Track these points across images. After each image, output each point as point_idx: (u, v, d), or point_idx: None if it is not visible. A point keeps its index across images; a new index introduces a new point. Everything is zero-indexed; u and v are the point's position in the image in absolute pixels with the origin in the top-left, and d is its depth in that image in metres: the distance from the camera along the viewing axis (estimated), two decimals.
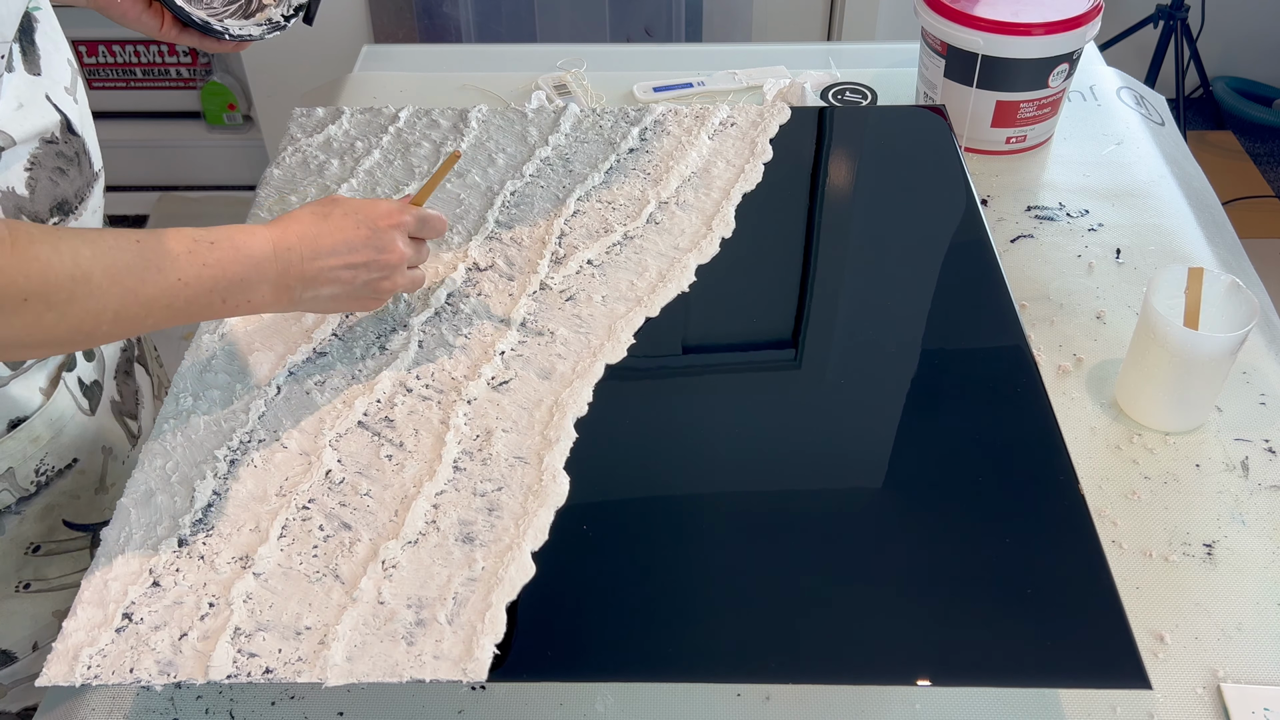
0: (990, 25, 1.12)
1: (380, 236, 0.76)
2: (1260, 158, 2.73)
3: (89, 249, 0.62)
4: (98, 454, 0.86)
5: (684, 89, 1.33)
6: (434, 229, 0.81)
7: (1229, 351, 0.83)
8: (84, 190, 0.78)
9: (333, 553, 0.69)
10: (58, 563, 0.85)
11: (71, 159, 0.76)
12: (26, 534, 0.82)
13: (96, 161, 0.81)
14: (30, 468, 0.79)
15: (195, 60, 2.45)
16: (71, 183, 0.77)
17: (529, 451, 0.75)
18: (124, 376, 0.91)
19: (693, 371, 0.84)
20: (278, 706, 0.70)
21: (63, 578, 0.85)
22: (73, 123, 0.76)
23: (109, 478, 0.87)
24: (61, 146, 0.75)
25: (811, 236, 0.96)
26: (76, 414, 0.83)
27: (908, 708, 0.71)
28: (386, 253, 0.76)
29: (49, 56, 0.75)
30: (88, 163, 0.79)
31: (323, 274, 0.73)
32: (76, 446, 0.83)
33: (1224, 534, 0.80)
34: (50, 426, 0.80)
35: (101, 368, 0.87)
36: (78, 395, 0.83)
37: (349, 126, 1.09)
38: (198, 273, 0.67)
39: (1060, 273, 1.04)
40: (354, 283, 0.75)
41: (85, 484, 0.85)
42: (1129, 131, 1.25)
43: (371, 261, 0.76)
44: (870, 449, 0.77)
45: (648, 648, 0.64)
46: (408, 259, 0.78)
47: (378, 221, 0.76)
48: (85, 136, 0.78)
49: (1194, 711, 0.70)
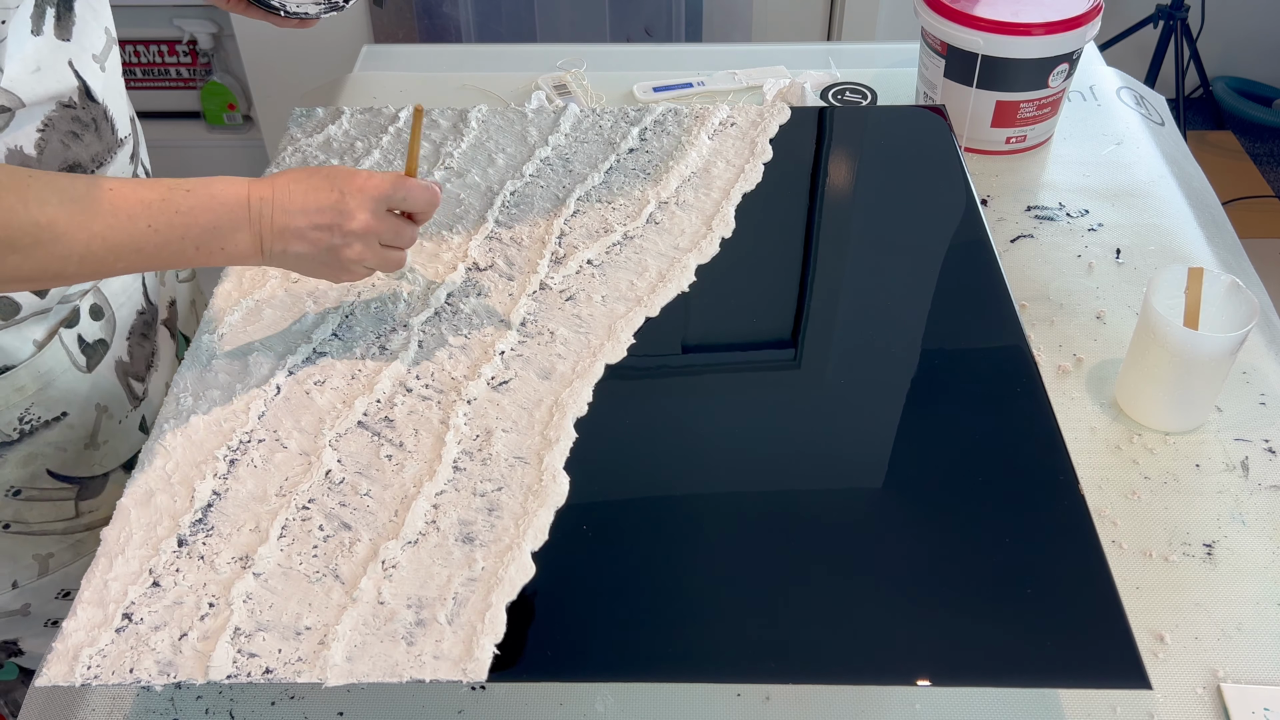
0: (990, 25, 1.12)
1: (347, 200, 0.74)
2: (1260, 158, 2.73)
3: (56, 196, 0.65)
4: (91, 410, 0.87)
5: (684, 89, 1.33)
6: (420, 201, 0.77)
7: (1229, 351, 0.83)
8: (103, 155, 0.81)
9: (333, 553, 0.69)
10: (39, 509, 0.87)
11: (88, 124, 0.78)
12: (7, 478, 0.83)
13: (122, 129, 0.83)
14: (14, 415, 0.81)
15: (195, 60, 2.45)
16: (87, 147, 0.79)
17: (529, 451, 0.75)
18: (138, 338, 0.92)
19: (693, 371, 0.84)
20: (278, 706, 0.70)
21: (44, 523, 0.87)
22: (92, 90, 0.78)
23: (101, 435, 0.88)
24: (78, 111, 0.77)
25: (811, 236, 0.96)
26: (70, 369, 0.84)
27: (908, 708, 0.71)
28: (348, 219, 0.74)
29: (85, 24, 0.77)
30: (108, 129, 0.81)
31: (290, 230, 0.73)
32: (67, 400, 0.84)
33: (1224, 534, 0.80)
34: (38, 378, 0.81)
35: (111, 328, 0.88)
36: (74, 351, 0.84)
37: (349, 126, 1.09)
38: (169, 220, 0.69)
39: (1060, 273, 1.04)
40: (319, 245, 0.74)
41: (74, 438, 0.86)
42: (1129, 131, 1.25)
43: (334, 225, 0.74)
44: (870, 449, 0.77)
45: (648, 648, 0.64)
46: (374, 231, 0.75)
47: (349, 186, 0.74)
48: (108, 104, 0.80)
49: (1194, 711, 0.70)
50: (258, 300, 0.88)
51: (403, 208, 0.77)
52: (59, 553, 0.90)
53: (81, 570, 0.91)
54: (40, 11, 0.74)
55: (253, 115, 2.51)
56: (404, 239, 0.78)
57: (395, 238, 0.77)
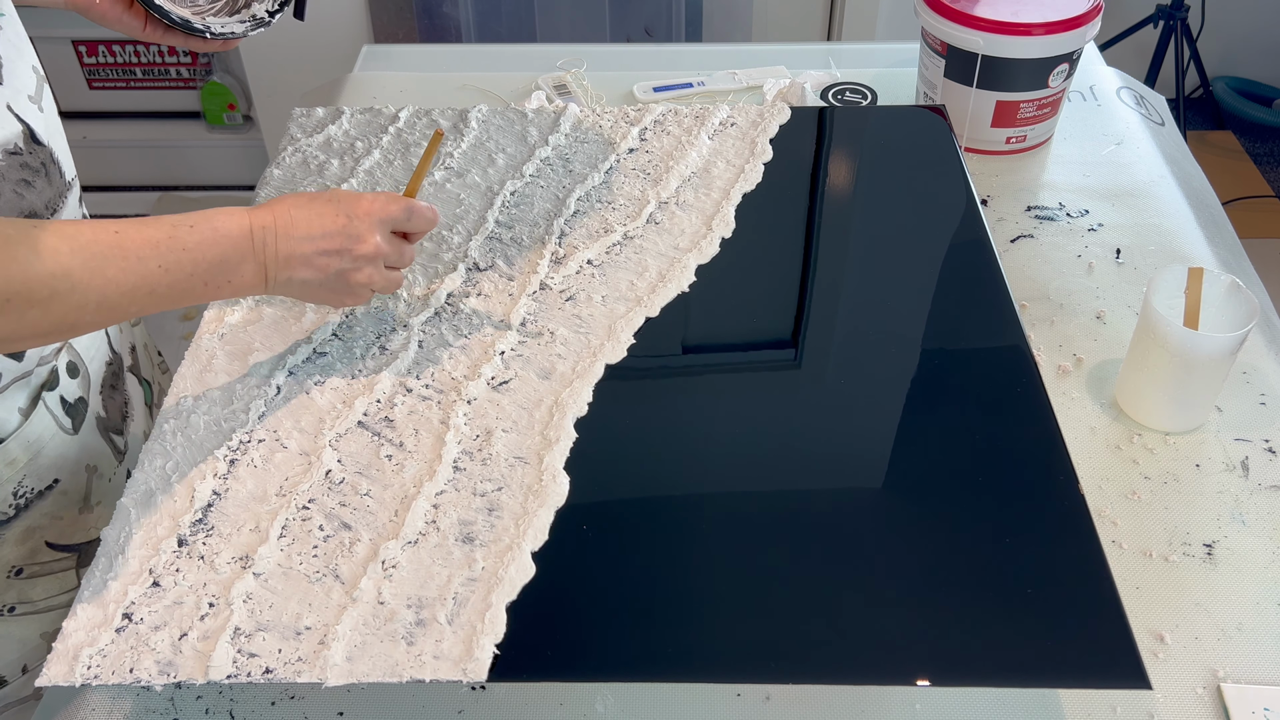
0: (990, 25, 1.12)
1: (355, 225, 0.74)
2: (1260, 158, 2.73)
3: (67, 244, 0.63)
4: (81, 473, 0.84)
5: (684, 89, 1.33)
6: (423, 222, 0.78)
7: (1229, 351, 0.83)
8: (55, 201, 0.77)
9: (333, 553, 0.69)
10: (42, 584, 0.83)
11: (38, 170, 0.75)
12: (7, 558, 0.80)
13: (69, 170, 0.79)
14: (8, 490, 0.78)
15: (195, 60, 2.45)
16: (40, 194, 0.75)
17: (529, 451, 0.75)
18: (110, 391, 0.89)
19: (693, 371, 0.84)
20: (278, 706, 0.70)
21: (49, 599, 0.84)
22: (36, 132, 0.74)
23: (94, 496, 0.85)
24: (26, 158, 0.73)
25: (811, 236, 0.96)
26: (57, 434, 0.81)
27: (908, 708, 0.71)
28: (359, 243, 0.74)
29: (11, 64, 0.73)
30: (57, 172, 0.77)
31: (295, 257, 0.72)
32: (57, 467, 0.81)
33: (1224, 534, 0.80)
34: (27, 449, 0.78)
35: (87, 384, 0.85)
36: (59, 414, 0.81)
37: (349, 126, 1.09)
38: (178, 258, 0.68)
39: (1060, 273, 1.04)
40: (327, 271, 0.74)
41: (68, 504, 0.83)
42: (1129, 131, 1.25)
43: (343, 250, 0.73)
44: (870, 449, 0.77)
45: (648, 648, 0.64)
46: (383, 255, 0.76)
47: (355, 210, 0.74)
48: (53, 145, 0.76)
49: (1194, 711, 0.70)
50: (258, 300, 0.88)
51: (405, 229, 0.77)
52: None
53: None
54: None
55: (253, 115, 2.51)
56: (406, 259, 0.78)
57: (399, 259, 0.78)
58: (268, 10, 0.90)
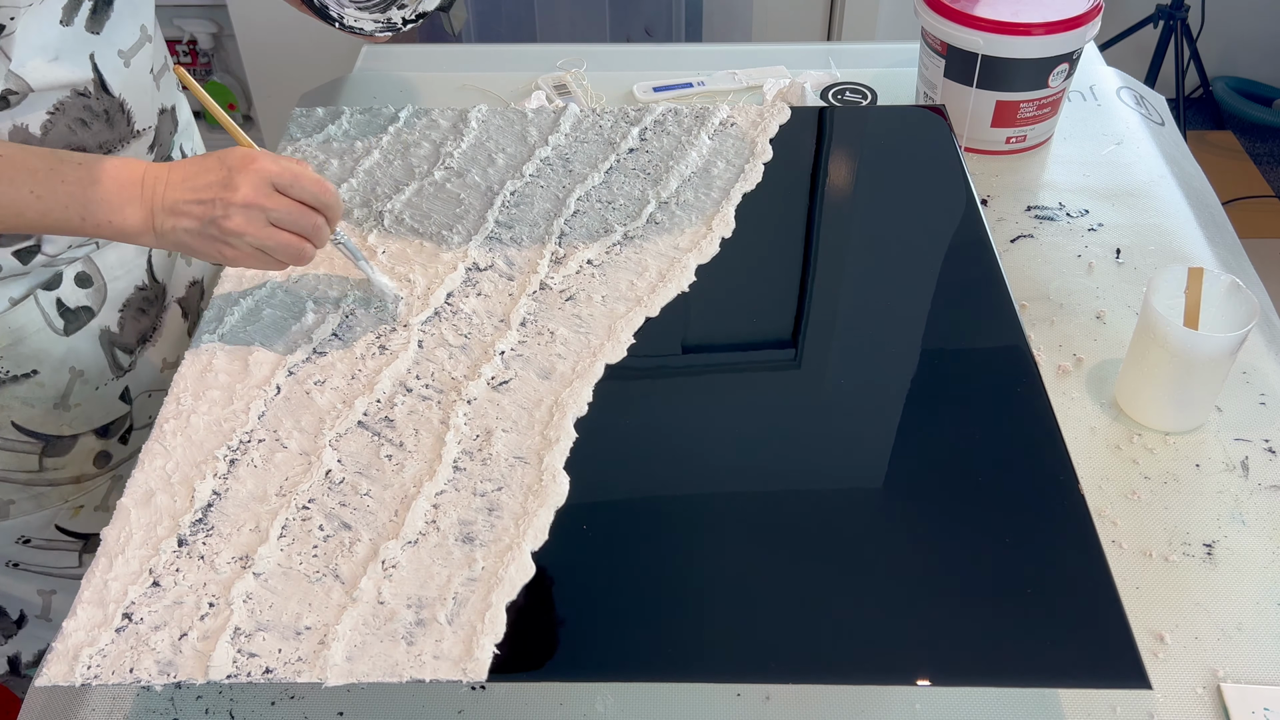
0: (990, 25, 1.12)
1: (233, 176, 0.75)
2: (1260, 158, 2.73)
3: None
4: (64, 373, 0.89)
5: (684, 89, 1.33)
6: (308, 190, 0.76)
7: (1229, 351, 0.83)
8: (112, 144, 0.85)
9: (333, 553, 0.69)
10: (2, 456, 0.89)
11: (99, 114, 0.82)
12: None
13: (139, 121, 0.87)
14: None
15: (195, 60, 2.45)
16: (95, 135, 0.83)
17: (529, 451, 0.75)
18: (134, 312, 0.94)
19: (693, 371, 0.84)
20: (278, 706, 0.70)
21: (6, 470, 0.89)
22: (109, 83, 0.82)
23: (73, 398, 0.90)
24: (91, 101, 0.81)
25: (811, 236, 0.96)
26: (44, 329, 0.86)
27: (908, 708, 0.71)
28: (228, 190, 0.75)
29: (120, 20, 0.81)
30: (123, 121, 0.85)
31: (177, 204, 0.75)
32: (38, 359, 0.86)
33: (1224, 534, 0.80)
34: (8, 334, 0.85)
35: (100, 298, 0.90)
36: (51, 313, 0.86)
37: (349, 126, 1.09)
38: (54, 188, 0.72)
39: (1060, 273, 1.04)
40: (202, 218, 0.75)
41: (43, 396, 0.89)
42: (1129, 131, 1.25)
43: (215, 199, 0.75)
44: (870, 449, 0.77)
45: (648, 648, 0.64)
46: (258, 205, 0.74)
47: (235, 163, 0.76)
48: (126, 98, 0.84)
49: (1194, 711, 0.70)
50: (257, 300, 0.88)
51: (291, 193, 0.76)
52: (20, 501, 0.92)
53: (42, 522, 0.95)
54: (75, 3, 0.78)
55: (253, 115, 2.51)
56: (301, 225, 0.76)
57: (288, 219, 0.76)
58: (404, 18, 0.93)
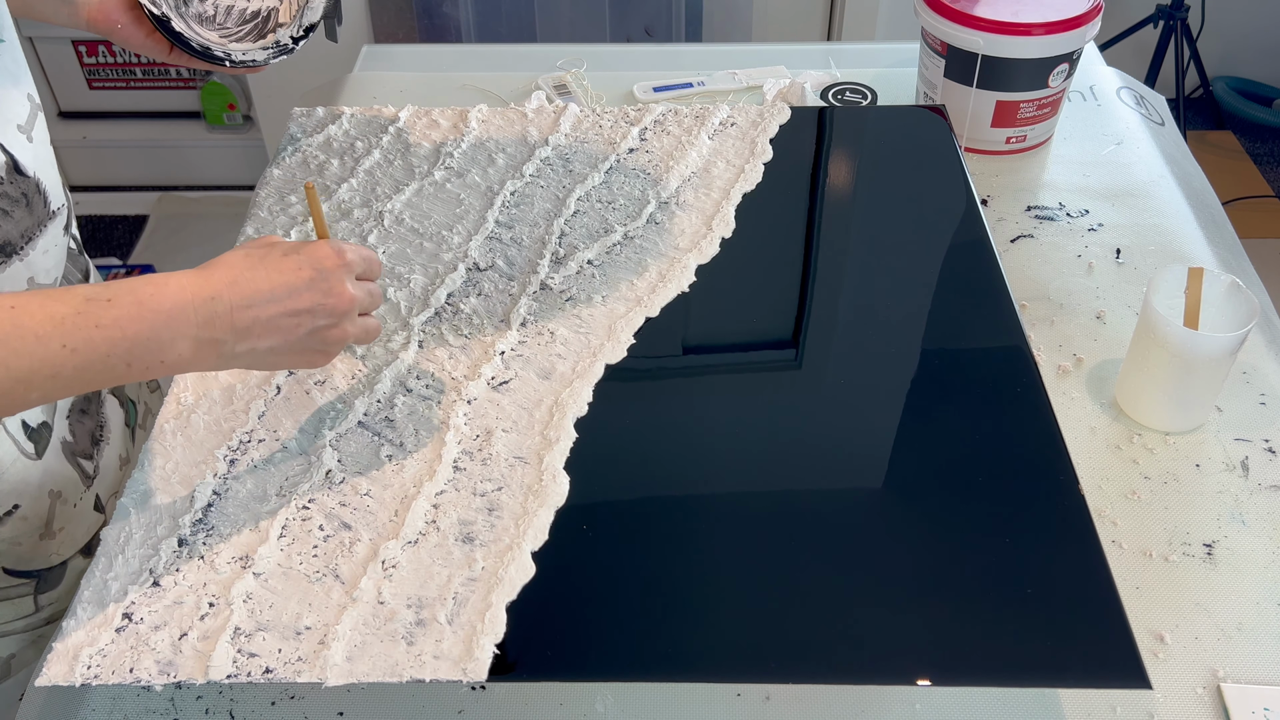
0: (990, 25, 1.12)
1: (327, 279, 0.66)
2: (1260, 158, 2.73)
3: None
4: (44, 499, 0.80)
5: (684, 89, 1.33)
6: (377, 267, 0.72)
7: (1229, 351, 0.83)
8: (32, 230, 0.73)
9: (333, 553, 0.69)
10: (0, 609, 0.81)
11: (17, 200, 0.71)
12: None
13: (54, 200, 0.75)
14: None
15: None
16: (17, 224, 0.72)
17: (529, 451, 0.75)
18: (78, 415, 0.85)
19: (693, 371, 0.84)
20: (278, 706, 0.70)
21: (4, 624, 0.81)
22: (20, 163, 0.71)
23: (56, 522, 0.81)
24: (7, 188, 0.70)
25: (811, 236, 0.96)
26: (19, 459, 0.76)
27: (908, 708, 0.71)
28: (334, 296, 0.67)
29: (5, 92, 0.70)
30: (40, 203, 0.73)
31: (259, 323, 0.64)
32: (18, 493, 0.77)
33: (1224, 534, 0.80)
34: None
35: (52, 408, 0.81)
36: (20, 439, 0.76)
37: (349, 126, 1.09)
38: (88, 335, 0.59)
39: (1060, 273, 1.04)
40: (297, 332, 0.66)
41: (28, 530, 0.79)
42: (1129, 131, 1.25)
43: (317, 307, 0.66)
44: (870, 449, 0.77)
45: (648, 648, 0.64)
46: (359, 303, 0.69)
47: (323, 263, 0.67)
48: (40, 176, 0.73)
49: (1194, 711, 0.70)
50: None
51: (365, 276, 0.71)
52: (20, 653, 0.84)
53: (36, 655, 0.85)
54: None
55: (253, 115, 2.51)
56: (377, 303, 0.72)
57: (371, 303, 0.71)
58: (292, 36, 0.90)
